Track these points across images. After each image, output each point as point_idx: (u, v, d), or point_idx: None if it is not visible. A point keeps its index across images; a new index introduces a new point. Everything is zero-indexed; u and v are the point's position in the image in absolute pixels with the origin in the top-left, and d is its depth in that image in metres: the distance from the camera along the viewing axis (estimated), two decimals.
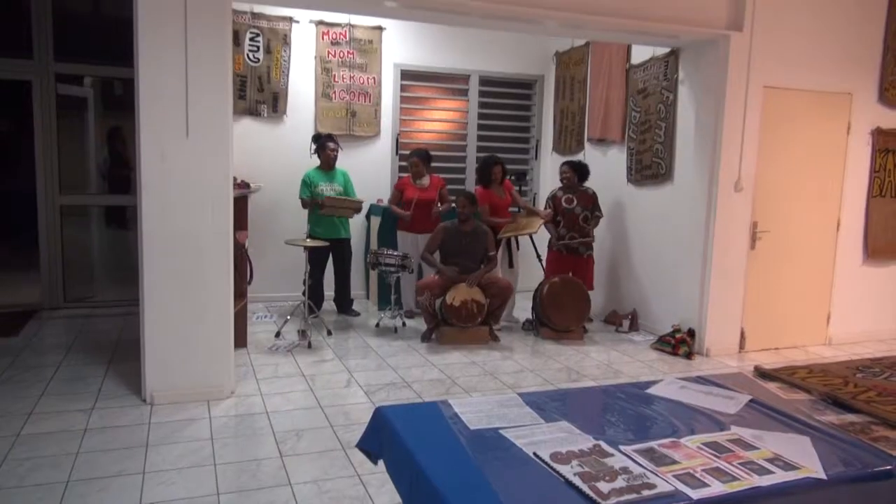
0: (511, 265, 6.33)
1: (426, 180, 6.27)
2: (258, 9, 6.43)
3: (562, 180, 6.15)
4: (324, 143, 6.05)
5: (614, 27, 4.96)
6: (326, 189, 6.00)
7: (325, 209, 5.82)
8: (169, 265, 3.92)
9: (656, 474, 1.73)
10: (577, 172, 6.11)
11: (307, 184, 6.01)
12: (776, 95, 5.35)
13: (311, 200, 5.91)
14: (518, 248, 6.43)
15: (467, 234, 5.60)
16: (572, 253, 6.09)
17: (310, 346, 5.24)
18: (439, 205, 6.25)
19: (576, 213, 6.06)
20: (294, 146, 6.64)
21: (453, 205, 6.28)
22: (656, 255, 6.00)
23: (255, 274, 5.34)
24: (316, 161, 6.17)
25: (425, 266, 5.94)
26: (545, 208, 6.26)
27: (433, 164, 6.42)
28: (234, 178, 4.46)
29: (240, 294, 4.79)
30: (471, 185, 7.45)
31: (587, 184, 6.19)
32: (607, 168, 6.48)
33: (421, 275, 6.12)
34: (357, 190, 6.29)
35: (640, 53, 6.09)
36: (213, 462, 3.27)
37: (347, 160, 6.43)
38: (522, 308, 6.52)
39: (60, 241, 6.19)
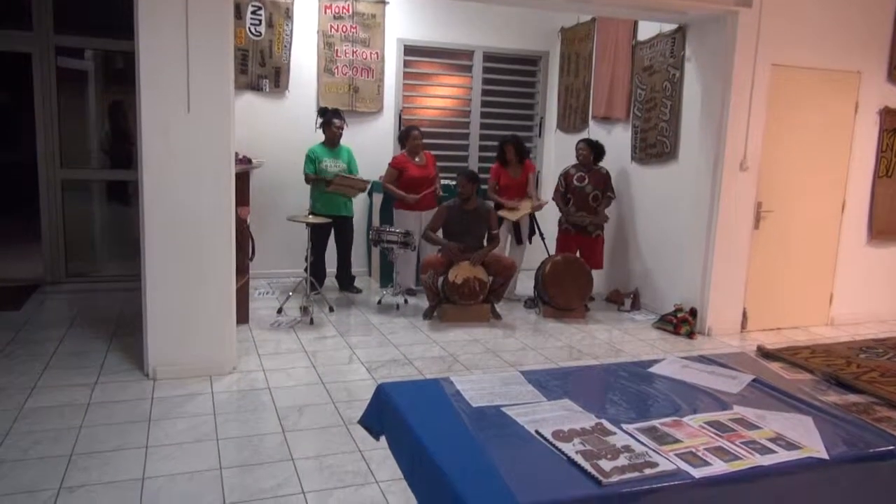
0: (520, 241, 6.31)
1: (423, 156, 6.23)
2: None
3: (578, 157, 6.11)
4: (330, 119, 6.00)
5: (620, 2, 4.89)
6: (331, 165, 5.97)
7: (332, 186, 5.79)
8: (170, 241, 3.91)
9: (658, 453, 1.73)
10: (593, 151, 6.08)
11: (312, 159, 5.98)
12: (784, 73, 5.29)
13: (318, 178, 5.88)
14: (535, 232, 6.38)
15: (469, 213, 5.56)
16: (581, 232, 6.07)
17: (312, 322, 5.25)
18: (438, 185, 6.23)
19: (586, 191, 6.03)
20: (296, 121, 6.59)
21: (444, 181, 6.28)
22: (659, 234, 5.98)
23: (256, 250, 5.34)
24: (319, 136, 6.13)
25: (425, 245, 5.92)
26: (556, 185, 6.23)
27: (433, 140, 6.40)
28: (236, 154, 4.43)
29: (241, 270, 4.79)
30: (474, 162, 7.42)
31: (600, 164, 6.16)
32: (611, 146, 6.42)
33: (420, 254, 6.09)
34: (359, 167, 6.25)
35: (646, 30, 6.01)
36: (215, 437, 3.28)
37: (349, 136, 6.38)
38: (523, 286, 6.51)
39: (62, 215, 6.17)
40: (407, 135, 6.19)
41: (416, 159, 6.18)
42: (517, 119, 7.60)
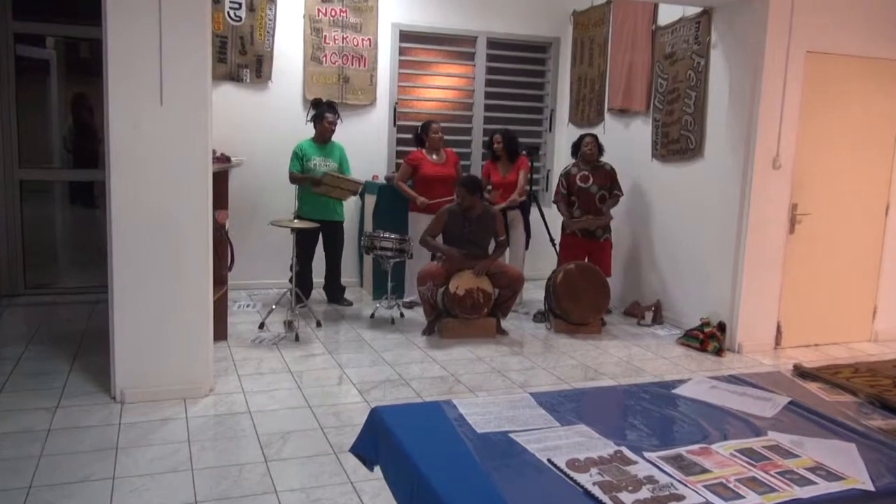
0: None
1: (442, 154, 6.25)
2: None
3: (586, 152, 6.08)
4: (322, 113, 6.00)
5: None
6: (320, 164, 5.96)
7: (320, 187, 5.77)
8: (141, 248, 3.91)
9: (685, 484, 1.73)
10: (598, 145, 6.10)
11: (298, 156, 5.98)
12: (820, 62, 5.30)
13: (304, 176, 5.87)
14: (530, 235, 6.40)
15: (472, 220, 5.53)
16: (588, 236, 6.08)
17: (297, 338, 5.25)
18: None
19: (592, 192, 6.04)
20: (280, 115, 6.61)
21: None
22: (683, 240, 5.98)
23: (236, 258, 5.34)
24: (306, 131, 6.13)
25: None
26: (557, 188, 6.25)
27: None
28: (214, 151, 4.44)
29: (219, 281, 4.79)
30: (477, 160, 7.43)
31: (606, 158, 6.17)
32: (629, 142, 6.44)
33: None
34: (351, 165, 6.25)
35: (667, 13, 6.04)
36: (190, 467, 3.28)
37: (339, 132, 6.36)
38: (528, 296, 6.50)
39: (20, 220, 6.18)
40: (425, 129, 6.22)
41: (434, 156, 6.20)
42: (525, 112, 7.62)
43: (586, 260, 6.00)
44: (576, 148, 6.22)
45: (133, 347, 3.98)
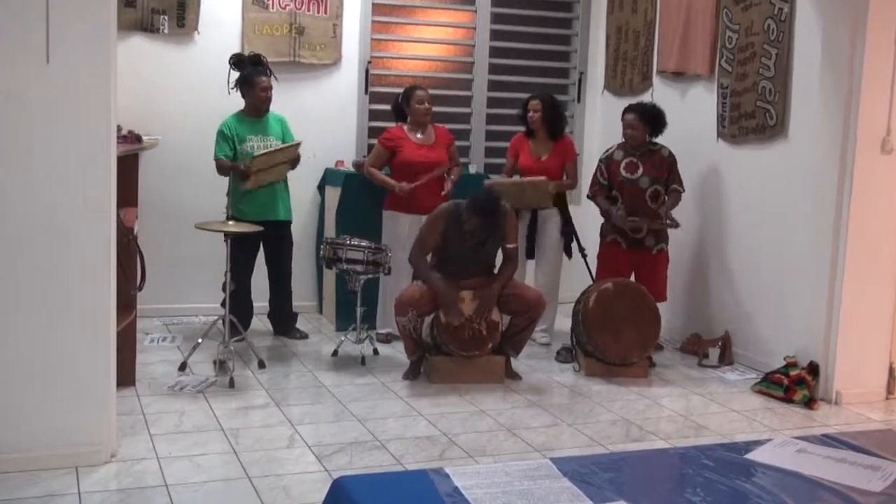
0: (531, 255, 6.33)
1: (430, 132, 6.24)
2: None
3: (625, 134, 6.12)
4: (251, 77, 5.97)
5: None
6: (257, 145, 5.95)
7: (252, 179, 5.75)
8: (16, 261, 3.90)
9: None
10: (647, 123, 6.09)
11: (227, 137, 5.97)
12: None
13: (231, 164, 5.86)
14: (572, 240, 6.42)
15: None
16: (635, 245, 6.08)
17: (232, 384, 5.25)
18: (450, 176, 6.26)
19: (640, 186, 6.04)
20: (210, 78, 6.59)
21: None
22: (761, 250, 6.00)
23: (148, 275, 5.33)
24: (238, 102, 6.12)
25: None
26: (594, 176, 6.25)
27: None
28: (119, 128, 4.44)
29: (125, 305, 4.79)
30: (478, 139, 7.45)
31: (661, 140, 6.20)
32: (687, 117, 6.46)
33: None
34: (307, 146, 6.24)
35: None
36: None
37: (290, 102, 6.41)
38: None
39: None
40: (407, 98, 6.20)
41: (419, 135, 6.20)
42: (545, 75, 7.65)
43: (631, 277, 6.01)
44: None
45: (7, 398, 3.96)
